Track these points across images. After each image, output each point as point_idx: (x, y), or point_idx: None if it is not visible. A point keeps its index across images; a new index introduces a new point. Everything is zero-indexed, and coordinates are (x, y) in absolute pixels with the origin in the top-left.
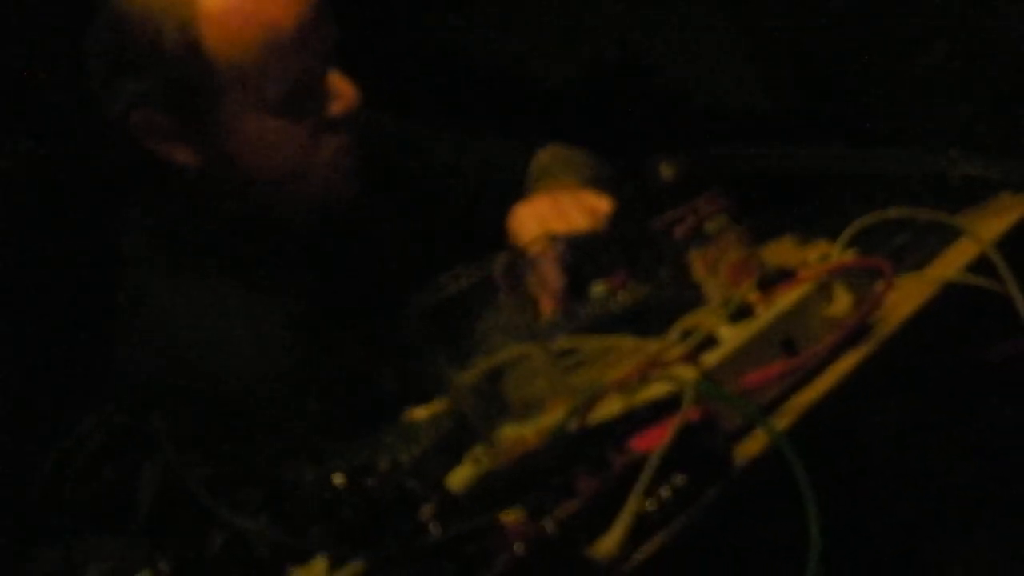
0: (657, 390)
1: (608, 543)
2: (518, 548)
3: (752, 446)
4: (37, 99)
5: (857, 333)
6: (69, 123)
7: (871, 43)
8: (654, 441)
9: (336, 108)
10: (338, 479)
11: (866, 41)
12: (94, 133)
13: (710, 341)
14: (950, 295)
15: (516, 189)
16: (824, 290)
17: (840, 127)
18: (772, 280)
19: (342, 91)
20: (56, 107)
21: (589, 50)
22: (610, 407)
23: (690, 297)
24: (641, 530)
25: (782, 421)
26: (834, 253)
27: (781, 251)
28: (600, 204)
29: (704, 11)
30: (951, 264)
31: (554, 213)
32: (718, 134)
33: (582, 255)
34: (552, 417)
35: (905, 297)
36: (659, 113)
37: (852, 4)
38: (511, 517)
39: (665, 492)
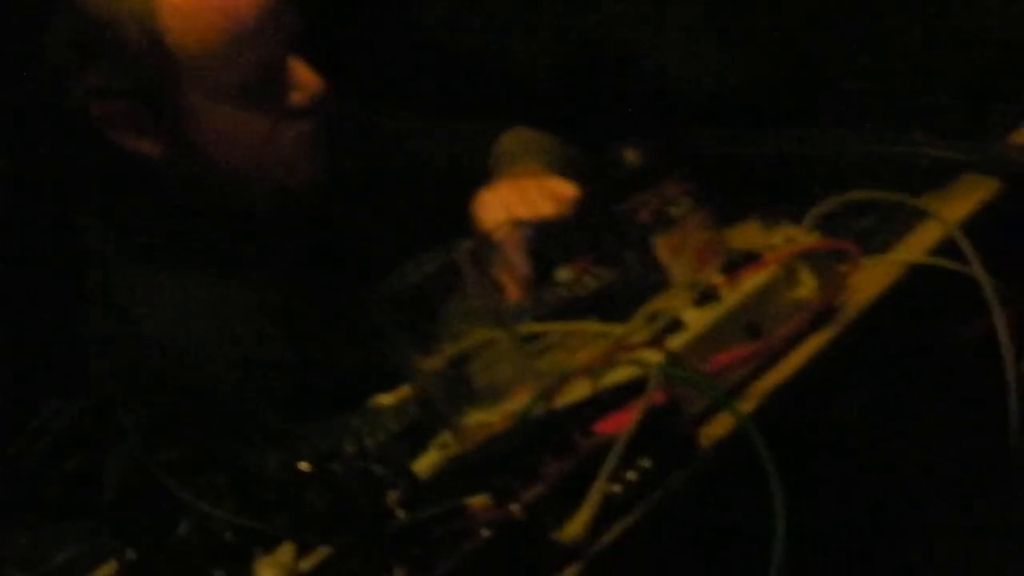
0: (623, 374)
1: (575, 526)
2: (485, 532)
3: (717, 429)
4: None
5: (822, 316)
6: (33, 115)
7: (843, 26)
8: (620, 425)
9: (299, 97)
10: (304, 465)
11: (838, 24)
12: (57, 124)
13: (675, 325)
14: (915, 277)
15: (481, 172)
16: (789, 273)
17: (812, 111)
18: (737, 263)
19: (305, 80)
20: (19, 99)
21: (559, 35)
22: (576, 391)
23: (655, 281)
24: (607, 513)
25: (747, 404)
26: (799, 236)
27: (746, 234)
28: (564, 189)
29: None
30: (916, 246)
31: (518, 198)
32: (689, 119)
33: (547, 240)
34: (518, 402)
35: (870, 279)
36: (630, 98)
37: None
38: (478, 502)
39: (631, 475)
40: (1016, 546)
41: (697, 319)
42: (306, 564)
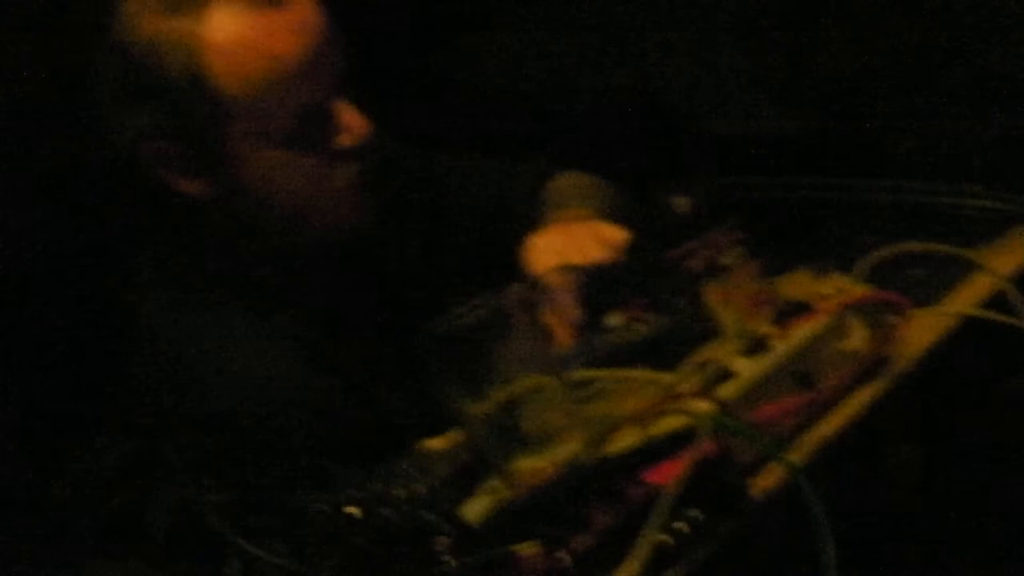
0: (673, 423)
1: None
2: None
3: (767, 480)
4: (57, 125)
5: (872, 367)
6: (83, 154)
7: (890, 71)
8: (669, 474)
9: (346, 139)
10: (353, 509)
11: (885, 69)
12: (106, 163)
13: (725, 374)
14: (966, 329)
15: (530, 215)
16: (840, 324)
17: (858, 156)
18: (788, 313)
19: (352, 122)
20: (70, 139)
21: (605, 79)
22: (625, 439)
23: (706, 329)
24: (656, 563)
25: (797, 455)
26: (850, 287)
27: (797, 284)
28: (616, 235)
29: (721, 40)
30: (967, 298)
31: (570, 244)
32: (736, 163)
33: (598, 286)
34: (567, 449)
35: (921, 331)
36: (677, 143)
37: (868, 32)
38: (526, 549)
39: (680, 525)
40: None
41: (747, 369)
42: None
